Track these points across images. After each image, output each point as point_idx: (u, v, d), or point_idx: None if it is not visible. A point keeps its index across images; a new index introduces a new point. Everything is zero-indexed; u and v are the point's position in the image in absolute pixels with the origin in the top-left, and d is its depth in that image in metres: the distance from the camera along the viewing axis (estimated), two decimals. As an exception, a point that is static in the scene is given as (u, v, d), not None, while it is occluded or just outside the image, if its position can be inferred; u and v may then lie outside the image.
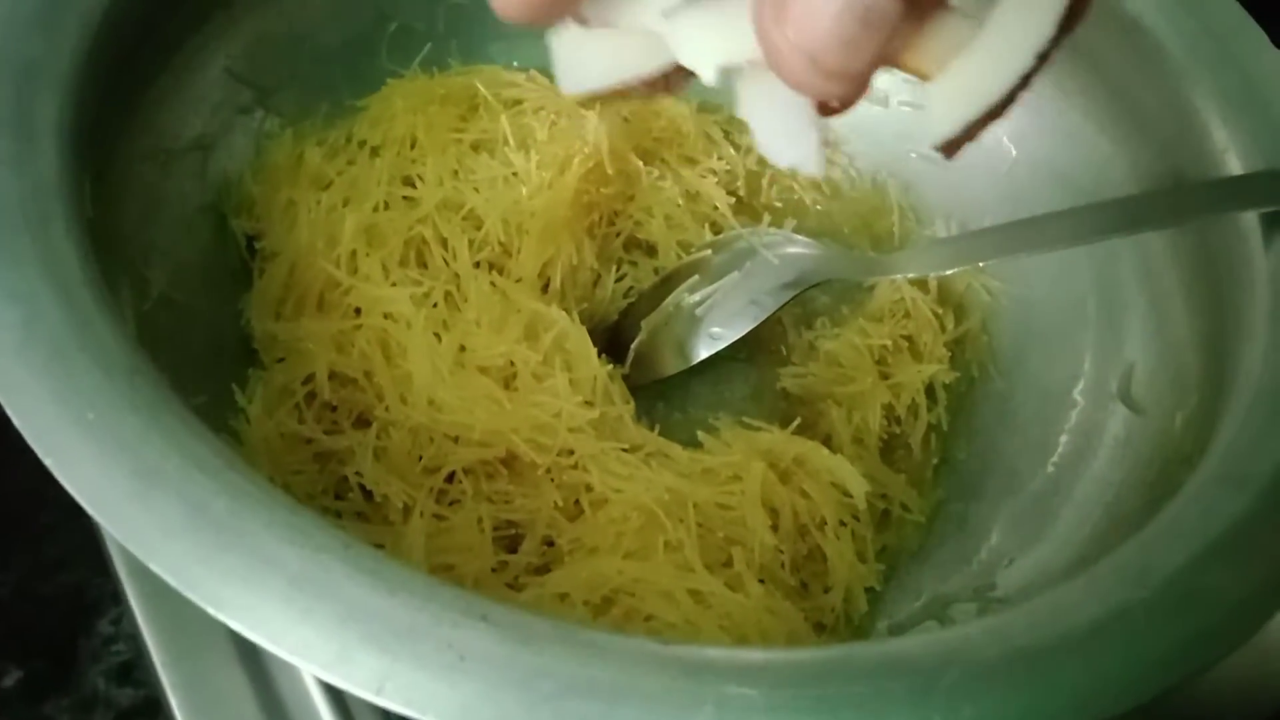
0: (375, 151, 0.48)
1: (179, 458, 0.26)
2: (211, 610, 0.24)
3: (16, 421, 0.26)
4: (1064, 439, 0.42)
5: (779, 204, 0.52)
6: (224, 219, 0.45)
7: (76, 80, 0.35)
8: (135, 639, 0.58)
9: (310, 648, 0.24)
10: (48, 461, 0.25)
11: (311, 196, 0.45)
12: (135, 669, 0.58)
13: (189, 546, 0.25)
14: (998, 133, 0.49)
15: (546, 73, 0.52)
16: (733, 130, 0.53)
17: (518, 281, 0.45)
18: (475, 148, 0.48)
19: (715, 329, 0.45)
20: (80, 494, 0.25)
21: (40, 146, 0.32)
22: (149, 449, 0.26)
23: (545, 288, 0.46)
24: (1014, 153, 0.50)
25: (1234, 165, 0.40)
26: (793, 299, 0.46)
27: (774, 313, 0.45)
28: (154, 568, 0.25)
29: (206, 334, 0.43)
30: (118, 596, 0.58)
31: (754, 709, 0.24)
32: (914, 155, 0.52)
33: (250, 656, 0.42)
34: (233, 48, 0.46)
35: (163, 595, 0.43)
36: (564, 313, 0.43)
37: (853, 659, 0.26)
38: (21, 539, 0.60)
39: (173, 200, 0.43)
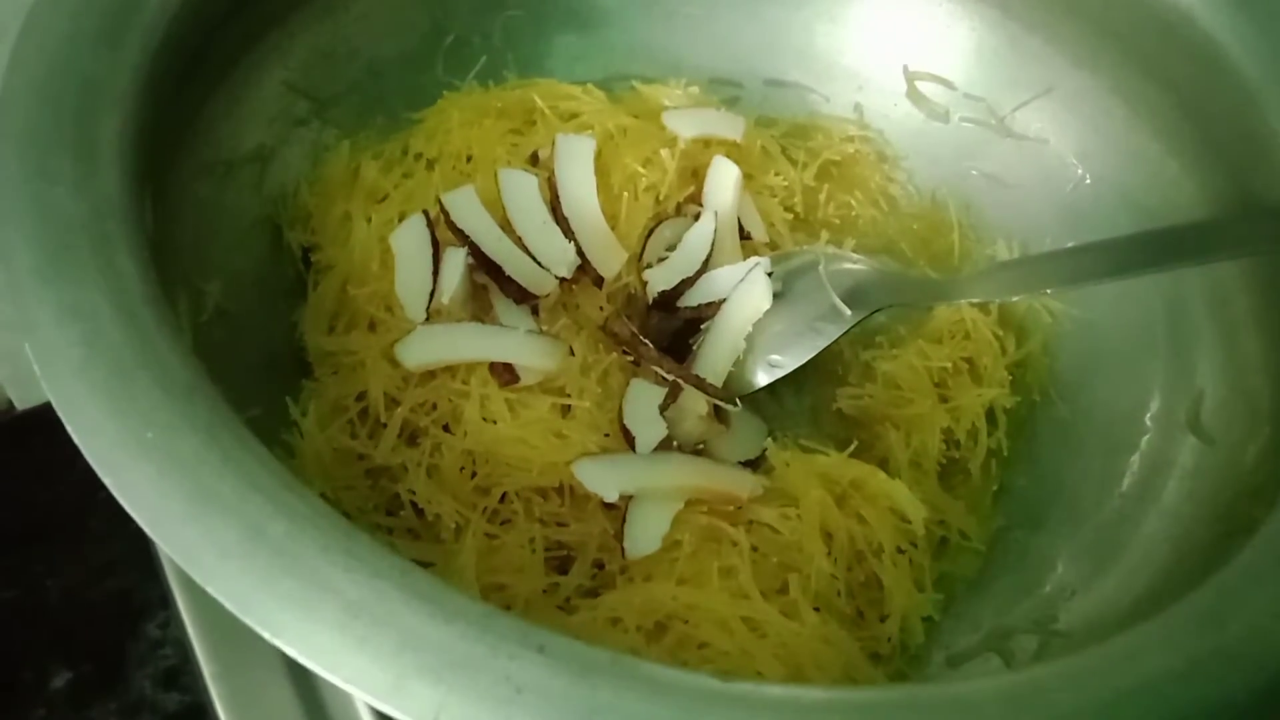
0: (431, 164, 0.48)
1: (236, 479, 0.26)
2: (267, 636, 0.24)
3: (77, 439, 0.26)
4: (1130, 469, 0.41)
5: (836, 220, 0.52)
6: (279, 232, 0.45)
7: (137, 97, 0.35)
8: (182, 644, 0.58)
9: (365, 676, 0.24)
10: (107, 481, 0.25)
11: (367, 210, 0.45)
12: (182, 674, 0.59)
13: (245, 570, 0.25)
14: (1062, 151, 0.49)
15: (604, 87, 0.51)
16: (790, 145, 0.52)
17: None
18: (531, 161, 0.48)
19: (774, 356, 0.44)
20: (138, 514, 0.25)
21: (101, 164, 0.32)
22: (206, 469, 0.26)
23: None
24: (1079, 171, 0.48)
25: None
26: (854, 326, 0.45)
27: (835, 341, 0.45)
28: (210, 591, 0.24)
29: (261, 346, 0.43)
30: (165, 601, 0.59)
31: (818, 749, 0.24)
32: (975, 172, 0.51)
33: (298, 668, 0.42)
34: (290, 61, 0.46)
35: (212, 605, 0.43)
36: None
37: (917, 701, 0.25)
38: (70, 545, 0.61)
39: (230, 213, 0.43)
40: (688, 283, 0.45)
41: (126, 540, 0.62)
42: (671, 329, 0.46)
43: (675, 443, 0.41)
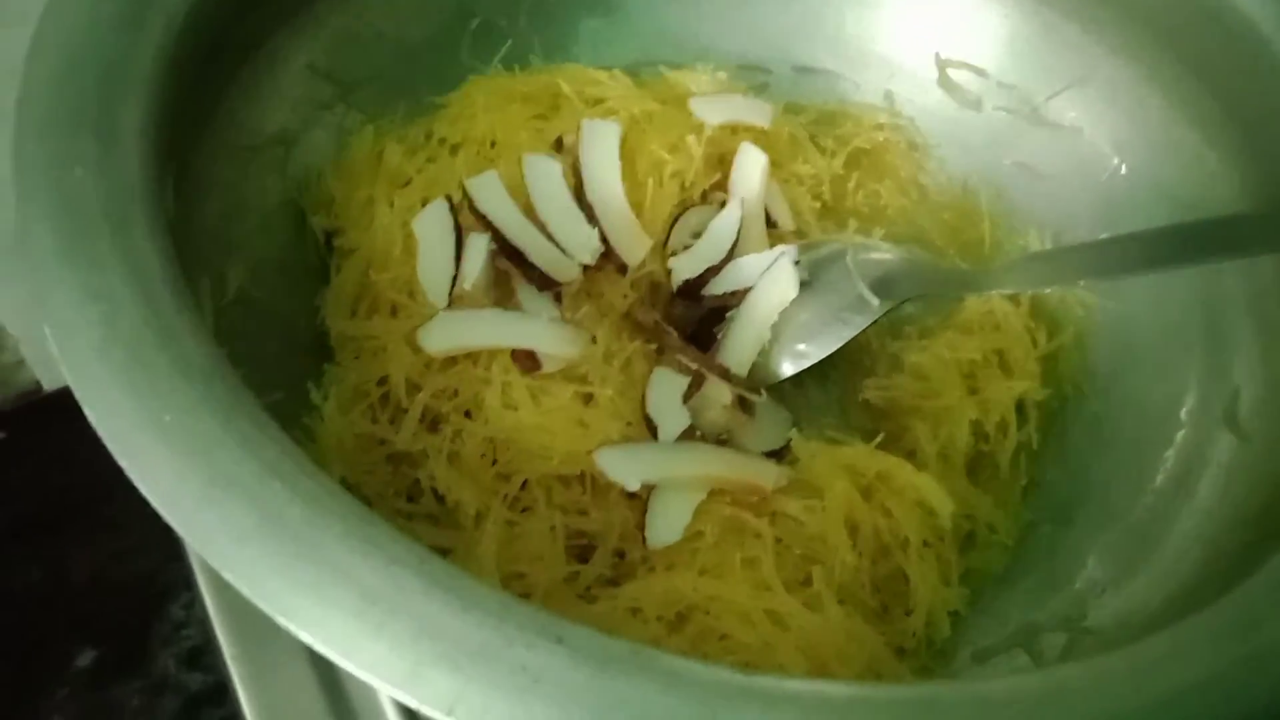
0: (454, 149, 0.48)
1: (254, 463, 0.26)
2: (283, 622, 0.24)
3: (94, 421, 0.26)
4: (1164, 465, 0.40)
5: (865, 209, 0.51)
6: (302, 215, 0.45)
7: (159, 80, 0.34)
8: (205, 625, 0.59)
9: (382, 664, 0.23)
10: (124, 464, 0.25)
11: (390, 194, 0.45)
12: (205, 654, 0.59)
13: (262, 555, 0.24)
14: (1097, 140, 0.48)
15: (630, 72, 0.51)
16: (819, 132, 0.51)
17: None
18: (556, 147, 0.47)
19: (800, 346, 0.44)
20: (155, 498, 0.25)
21: (123, 147, 0.32)
22: (224, 454, 0.26)
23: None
24: (1115, 161, 0.48)
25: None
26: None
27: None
28: (226, 576, 0.24)
29: (283, 330, 0.42)
30: (189, 583, 0.59)
31: (837, 745, 0.23)
32: (1007, 162, 0.50)
33: (323, 663, 0.42)
34: (315, 45, 0.46)
35: (233, 587, 0.43)
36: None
37: (941, 700, 0.25)
38: (96, 526, 0.61)
39: (253, 196, 0.43)
40: (713, 271, 0.44)
41: (151, 522, 0.62)
42: (696, 317, 0.46)
43: (699, 432, 0.40)
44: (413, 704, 0.23)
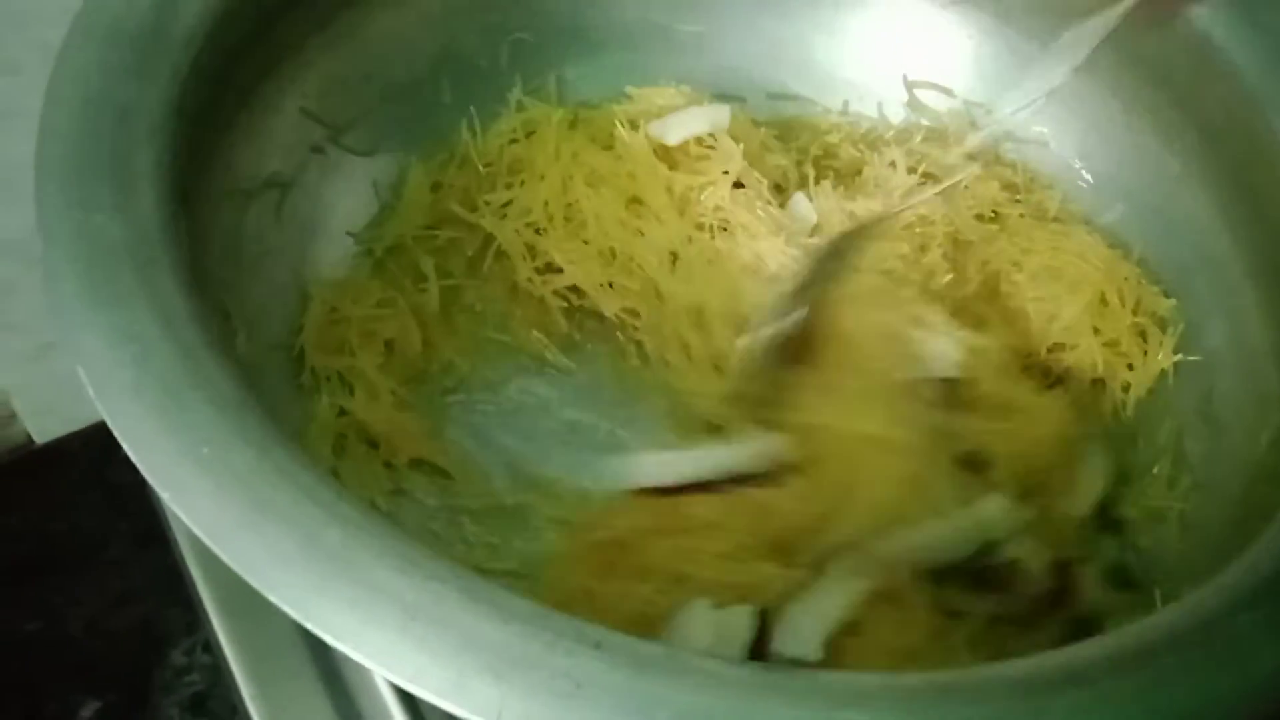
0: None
1: (291, 489, 0.26)
2: (330, 640, 0.25)
3: (134, 457, 0.27)
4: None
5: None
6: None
7: (167, 127, 0.35)
8: (208, 670, 0.59)
9: (427, 676, 0.24)
10: (165, 496, 0.26)
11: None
12: (209, 699, 0.59)
13: (305, 577, 0.25)
14: (1064, 152, 0.50)
15: (608, 104, 0.52)
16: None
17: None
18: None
19: None
20: (198, 527, 0.26)
21: (139, 192, 0.33)
22: (261, 481, 0.26)
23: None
24: (1080, 169, 0.50)
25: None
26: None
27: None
28: (272, 598, 0.25)
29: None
30: (190, 628, 0.59)
31: (866, 733, 0.25)
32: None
33: (336, 685, 0.42)
34: (307, 88, 0.47)
35: (249, 627, 0.43)
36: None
37: (967, 682, 0.26)
38: (91, 574, 0.62)
39: (250, 239, 0.44)
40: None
41: (146, 568, 0.62)
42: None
43: None
44: (460, 713, 0.24)
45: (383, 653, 0.25)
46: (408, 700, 0.41)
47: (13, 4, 0.50)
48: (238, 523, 0.26)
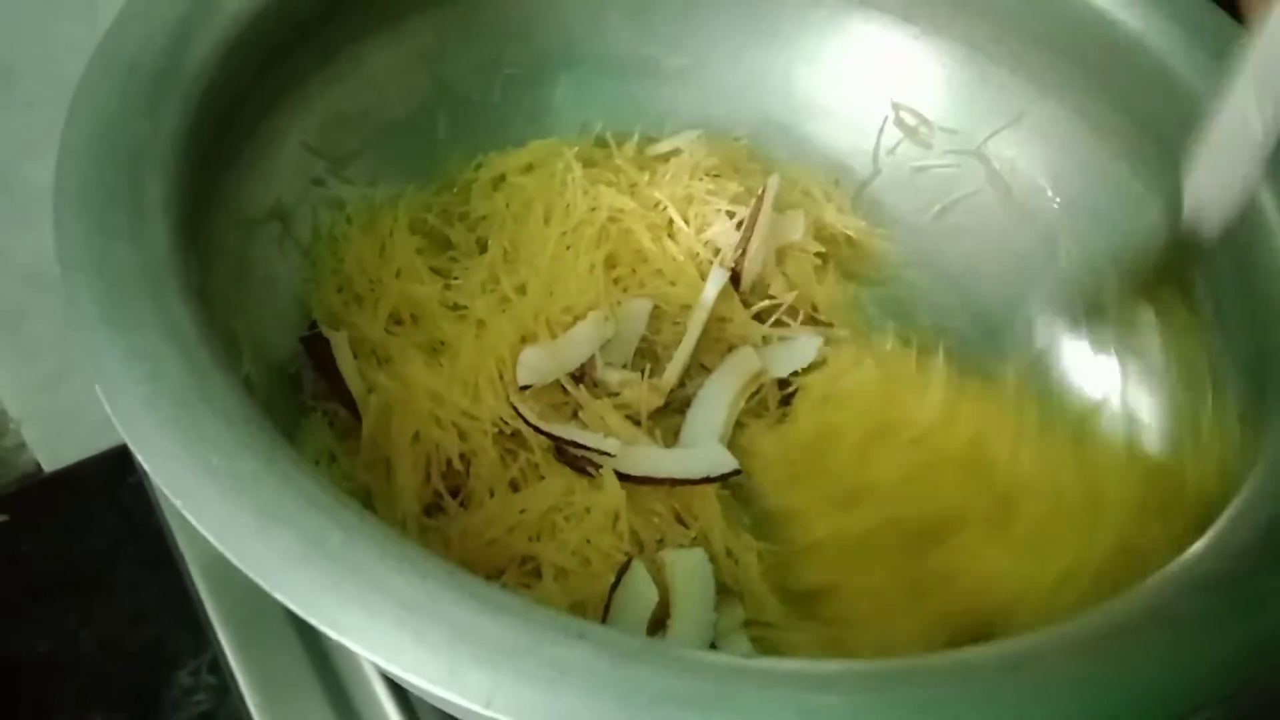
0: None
1: (296, 497, 0.28)
2: (333, 633, 0.26)
3: (148, 467, 0.28)
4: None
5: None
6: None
7: (177, 159, 0.37)
8: (215, 690, 0.60)
9: (423, 666, 0.26)
10: (178, 503, 0.28)
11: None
12: (215, 718, 0.60)
13: (310, 576, 0.27)
14: (1034, 174, 0.52)
15: (601, 140, 0.55)
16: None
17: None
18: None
19: None
20: (209, 531, 0.28)
21: (152, 221, 0.35)
22: (268, 489, 0.28)
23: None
24: (1050, 193, 0.52)
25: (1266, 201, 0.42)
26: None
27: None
28: (278, 596, 0.27)
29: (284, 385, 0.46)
30: (197, 649, 0.61)
31: (834, 713, 0.26)
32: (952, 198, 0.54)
33: (340, 697, 0.44)
34: (308, 123, 0.49)
35: (255, 644, 0.45)
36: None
37: (927, 666, 0.28)
38: (102, 596, 0.63)
39: (255, 266, 0.46)
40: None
41: (155, 590, 0.64)
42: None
43: None
44: (454, 700, 0.26)
45: (382, 645, 0.26)
46: (410, 717, 0.43)
47: (29, 44, 0.52)
48: (246, 527, 0.28)
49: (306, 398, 0.46)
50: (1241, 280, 0.43)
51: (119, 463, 0.66)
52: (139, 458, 0.29)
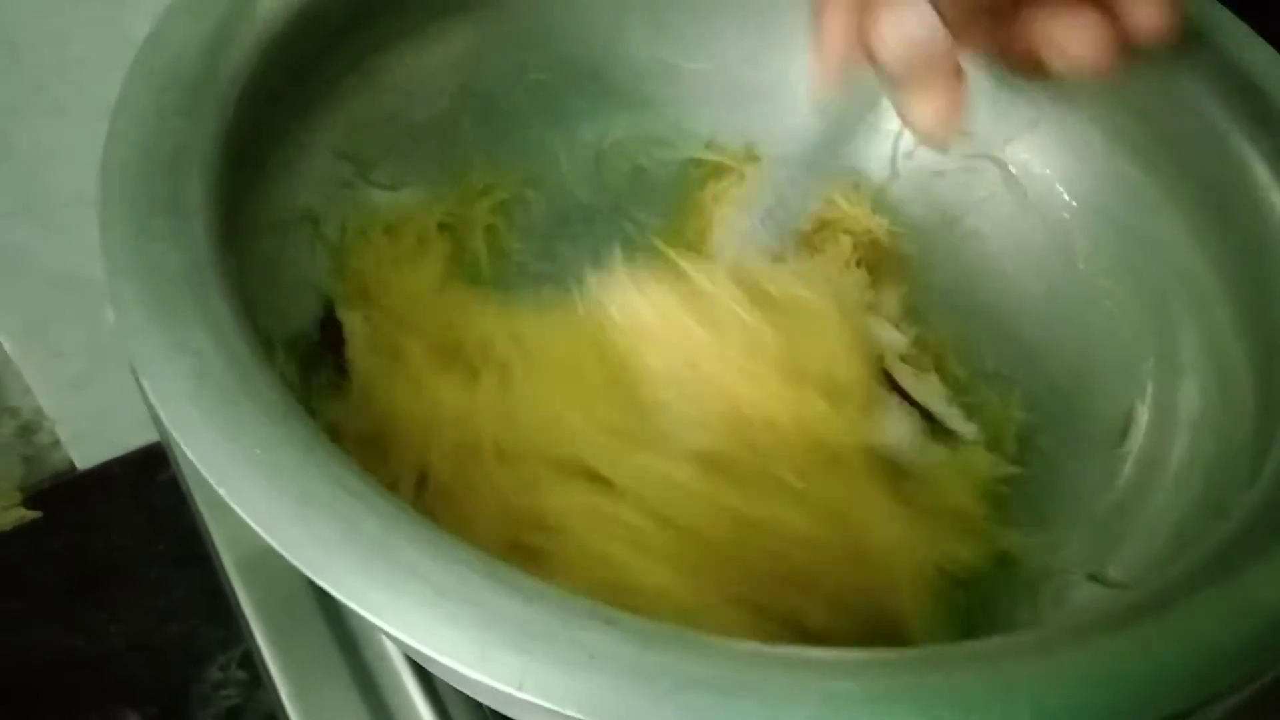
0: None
1: (332, 485, 0.29)
2: (368, 615, 0.27)
3: (193, 457, 0.30)
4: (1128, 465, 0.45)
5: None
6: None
7: (214, 163, 0.39)
8: (242, 685, 0.62)
9: (456, 648, 0.27)
10: (222, 491, 0.29)
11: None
12: (243, 713, 0.62)
13: (347, 560, 0.28)
14: (1049, 177, 0.53)
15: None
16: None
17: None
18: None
19: None
20: (250, 517, 0.29)
21: (191, 223, 0.36)
22: (306, 478, 0.29)
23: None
24: (1065, 197, 0.53)
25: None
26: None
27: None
28: (318, 580, 0.28)
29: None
30: (225, 644, 0.62)
31: (854, 699, 0.27)
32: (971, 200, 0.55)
33: (370, 692, 0.45)
34: (337, 128, 0.50)
35: (288, 635, 0.46)
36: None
37: (946, 655, 0.28)
38: (132, 593, 0.65)
39: (287, 267, 0.47)
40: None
41: (184, 587, 0.65)
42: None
43: None
44: (486, 682, 0.27)
45: (417, 627, 0.27)
46: (439, 708, 0.44)
47: (56, 53, 0.54)
48: (286, 514, 0.29)
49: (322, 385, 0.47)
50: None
51: (148, 462, 0.68)
52: (184, 447, 0.30)
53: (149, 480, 0.67)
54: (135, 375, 0.51)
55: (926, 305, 0.54)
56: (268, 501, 0.29)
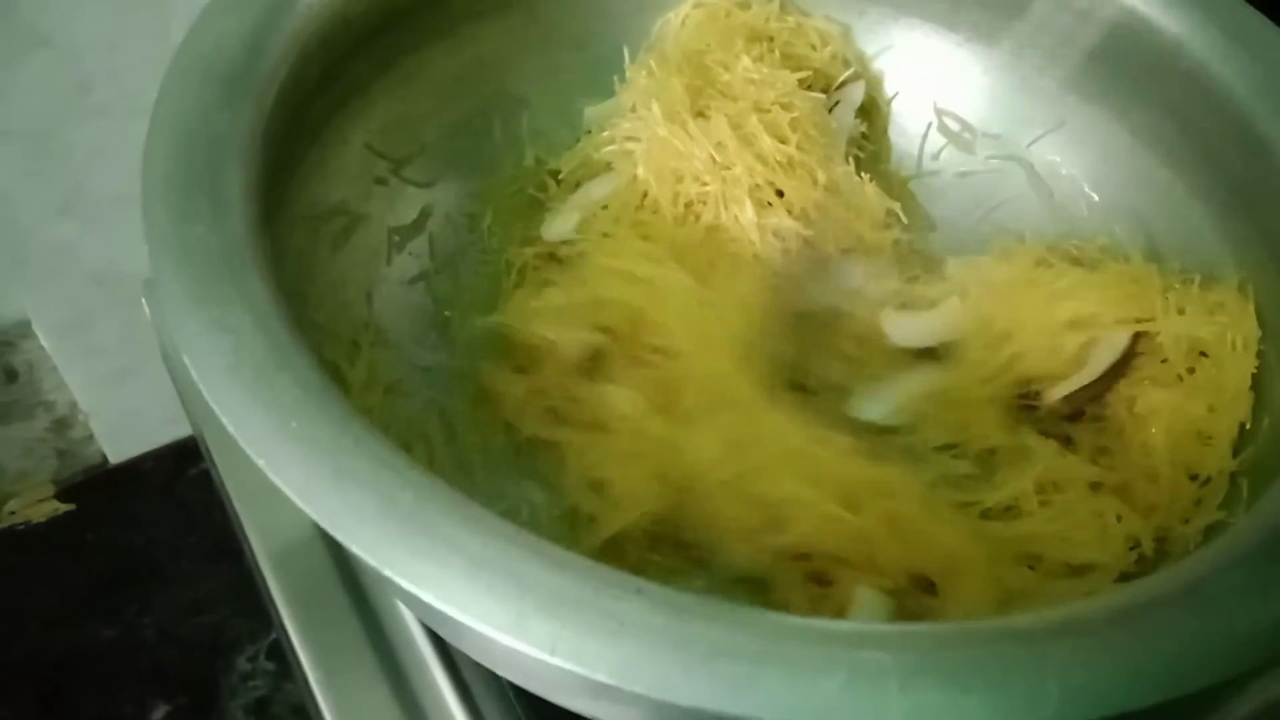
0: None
1: (368, 458, 0.30)
2: (405, 584, 0.28)
3: (233, 431, 0.30)
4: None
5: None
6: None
7: (252, 153, 0.40)
8: (271, 676, 0.62)
9: (492, 615, 0.28)
10: (261, 463, 0.30)
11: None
12: (271, 703, 0.62)
13: (383, 531, 0.29)
14: (1075, 176, 0.53)
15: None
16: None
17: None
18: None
19: None
20: (289, 489, 0.29)
21: (231, 208, 0.37)
22: (343, 451, 0.30)
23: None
24: (1094, 197, 0.53)
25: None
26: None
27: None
28: (354, 550, 0.28)
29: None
30: (254, 636, 0.63)
31: (884, 670, 0.27)
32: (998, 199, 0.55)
33: (399, 681, 0.46)
34: (371, 125, 0.51)
35: (317, 623, 0.47)
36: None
37: (976, 629, 0.29)
38: (162, 584, 0.65)
39: (320, 259, 0.48)
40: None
41: (214, 580, 0.66)
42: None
43: None
44: (520, 648, 0.27)
45: (453, 595, 0.28)
46: (467, 698, 0.44)
47: (104, 55, 0.55)
48: (324, 487, 0.29)
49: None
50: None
51: (179, 457, 0.69)
52: (225, 422, 0.31)
53: (180, 475, 0.68)
54: (169, 366, 0.52)
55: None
56: (305, 474, 0.29)
